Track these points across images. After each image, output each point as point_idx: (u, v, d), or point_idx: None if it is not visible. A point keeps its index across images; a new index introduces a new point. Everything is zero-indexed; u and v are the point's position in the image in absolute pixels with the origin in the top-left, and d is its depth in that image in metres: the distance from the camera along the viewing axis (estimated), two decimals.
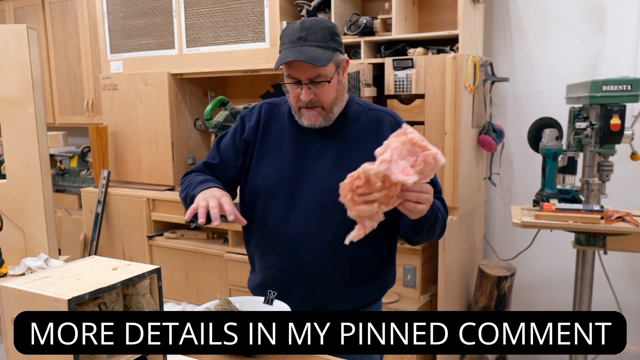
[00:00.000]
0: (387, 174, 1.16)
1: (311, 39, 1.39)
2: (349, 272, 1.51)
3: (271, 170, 1.52)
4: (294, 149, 1.52)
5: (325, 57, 1.39)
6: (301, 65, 1.39)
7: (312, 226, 1.47)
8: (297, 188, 1.49)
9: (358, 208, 1.19)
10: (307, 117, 1.46)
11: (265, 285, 1.53)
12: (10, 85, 2.06)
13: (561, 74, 2.88)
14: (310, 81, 1.41)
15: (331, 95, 1.45)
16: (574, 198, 2.48)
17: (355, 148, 1.49)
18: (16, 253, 2.12)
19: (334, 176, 1.44)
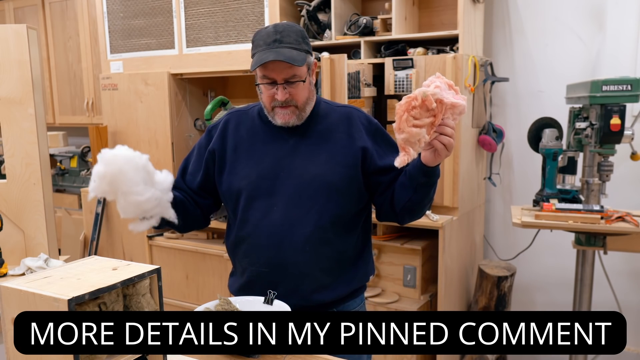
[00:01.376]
0: (440, 98, 1.27)
1: (286, 41, 1.46)
2: (333, 261, 1.55)
3: (248, 170, 1.56)
4: (268, 147, 1.56)
5: (301, 58, 1.46)
6: (277, 66, 1.45)
7: (294, 217, 1.51)
8: (276, 183, 1.53)
9: (410, 129, 1.27)
10: (281, 115, 1.51)
11: (251, 283, 1.57)
12: (10, 85, 2.06)
13: (561, 74, 2.88)
14: (285, 81, 1.47)
15: (304, 94, 1.51)
16: (574, 198, 2.48)
17: (328, 141, 1.55)
18: (16, 253, 2.12)
19: (310, 168, 1.53)
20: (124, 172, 1.35)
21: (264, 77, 1.48)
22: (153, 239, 3.24)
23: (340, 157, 1.53)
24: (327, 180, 1.52)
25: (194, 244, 3.11)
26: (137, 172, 1.37)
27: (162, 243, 3.21)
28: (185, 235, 3.18)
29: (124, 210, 1.40)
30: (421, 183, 1.45)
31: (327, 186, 1.51)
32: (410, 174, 1.46)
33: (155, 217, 1.46)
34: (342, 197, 1.53)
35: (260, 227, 1.54)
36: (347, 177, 1.53)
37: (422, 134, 1.28)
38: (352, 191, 1.55)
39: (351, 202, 1.56)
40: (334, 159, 1.53)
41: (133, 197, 1.36)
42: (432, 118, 1.29)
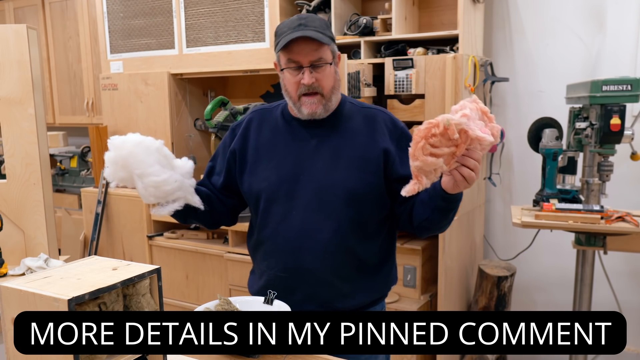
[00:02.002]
0: (466, 129, 1.15)
1: (311, 25, 1.43)
2: (352, 269, 1.51)
3: (269, 172, 1.53)
4: (290, 148, 1.53)
5: (326, 39, 1.43)
6: (303, 48, 1.42)
7: (313, 223, 1.48)
8: (296, 187, 1.50)
9: (425, 158, 1.16)
10: (308, 105, 1.47)
11: (269, 286, 1.53)
12: (10, 85, 2.06)
13: (561, 74, 2.88)
14: (311, 65, 1.43)
15: (330, 81, 1.47)
16: (574, 198, 2.48)
17: (351, 144, 1.51)
18: (16, 253, 2.12)
19: (331, 173, 1.48)
20: (134, 154, 1.35)
21: (290, 61, 1.45)
22: (153, 239, 3.24)
23: (362, 162, 1.49)
24: (346, 186, 1.47)
25: (194, 244, 3.11)
26: (150, 154, 1.36)
27: (162, 243, 3.21)
28: (185, 235, 3.18)
29: (144, 194, 1.37)
30: (439, 206, 1.40)
31: (347, 192, 1.47)
32: (430, 194, 1.41)
33: (178, 202, 1.43)
34: (362, 204, 1.49)
35: (278, 231, 1.51)
36: (368, 183, 1.49)
37: (439, 164, 1.18)
38: (372, 198, 1.50)
39: (372, 208, 1.52)
40: (355, 164, 1.49)
41: (150, 179, 1.34)
42: (454, 148, 1.18)
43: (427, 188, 1.36)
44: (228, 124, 3.06)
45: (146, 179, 1.34)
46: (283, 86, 1.51)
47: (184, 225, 3.11)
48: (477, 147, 1.19)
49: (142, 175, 1.35)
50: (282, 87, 1.53)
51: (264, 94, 3.54)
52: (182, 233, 3.19)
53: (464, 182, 1.26)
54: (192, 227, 3.13)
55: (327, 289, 1.50)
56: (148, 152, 1.36)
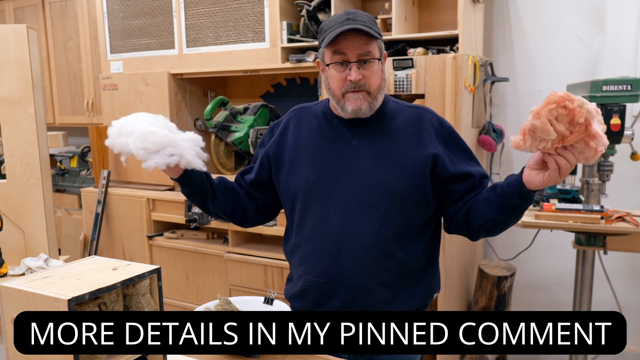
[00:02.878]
0: (590, 121, 1.13)
1: (359, 20, 1.37)
2: (394, 274, 1.44)
3: (307, 172, 1.47)
4: (330, 147, 1.47)
5: (376, 33, 1.38)
6: (352, 42, 1.36)
7: (353, 226, 1.41)
8: (336, 187, 1.43)
9: (546, 121, 1.13)
10: (353, 100, 1.40)
11: (305, 292, 1.48)
12: (10, 85, 2.06)
13: (561, 74, 2.87)
14: (359, 59, 1.37)
15: (377, 79, 1.41)
16: (574, 198, 2.48)
17: (395, 144, 1.44)
18: (16, 253, 2.12)
19: (373, 173, 1.42)
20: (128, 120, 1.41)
21: (336, 54, 1.38)
22: (153, 239, 3.24)
23: (407, 162, 1.42)
24: (390, 187, 1.41)
25: (194, 244, 3.11)
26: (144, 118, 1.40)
27: (162, 243, 3.21)
28: (185, 235, 3.18)
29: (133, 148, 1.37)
30: (513, 205, 1.32)
31: (391, 194, 1.41)
32: (503, 192, 1.33)
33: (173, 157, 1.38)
34: (406, 206, 1.42)
35: (316, 233, 1.45)
36: (413, 184, 1.42)
37: (551, 135, 1.14)
38: (417, 200, 1.43)
39: (416, 211, 1.44)
40: (399, 164, 1.42)
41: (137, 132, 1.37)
42: (568, 133, 1.15)
43: (498, 187, 1.35)
44: (228, 124, 3.06)
45: (134, 133, 1.37)
46: (326, 84, 1.46)
47: (184, 225, 3.11)
48: (583, 147, 1.16)
49: (131, 132, 1.38)
50: (325, 86, 1.47)
51: (264, 94, 3.54)
52: (182, 233, 3.19)
53: (556, 173, 1.19)
54: (192, 227, 3.13)
55: (366, 296, 1.43)
56: (142, 117, 1.41)
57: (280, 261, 2.77)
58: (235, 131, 3.05)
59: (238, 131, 3.03)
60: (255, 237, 3.00)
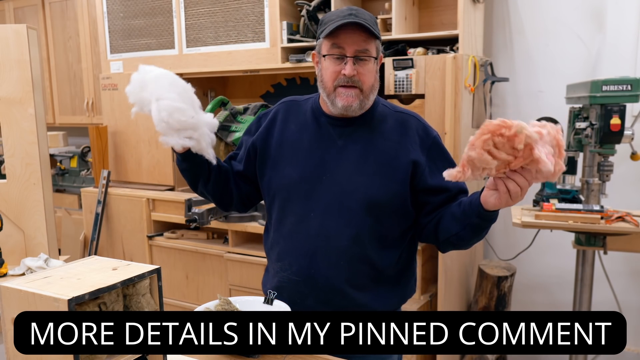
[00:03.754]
0: (533, 146, 1.10)
1: (361, 17, 1.37)
2: (368, 278, 1.46)
3: (291, 170, 1.47)
4: (315, 146, 1.47)
5: (376, 31, 1.37)
6: (351, 36, 1.36)
7: (331, 228, 1.42)
8: (317, 188, 1.44)
9: (482, 152, 1.11)
10: (344, 96, 1.39)
11: (281, 288, 1.49)
12: (10, 85, 2.06)
13: (561, 74, 2.87)
14: (355, 55, 1.37)
15: (371, 78, 1.41)
16: (574, 198, 2.48)
17: (379, 149, 1.44)
18: (16, 253, 2.12)
19: (355, 178, 1.42)
20: (159, 79, 1.33)
21: (334, 47, 1.37)
22: (153, 239, 3.24)
23: (388, 169, 1.42)
24: (369, 193, 1.41)
25: (194, 244, 3.11)
26: (174, 85, 1.34)
27: (162, 243, 3.21)
28: (185, 235, 3.18)
29: (156, 117, 1.32)
30: (473, 223, 1.33)
31: (369, 200, 1.41)
32: (464, 209, 1.34)
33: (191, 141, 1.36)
34: (383, 213, 1.43)
35: (295, 232, 1.46)
36: (393, 193, 1.42)
37: (491, 165, 1.13)
38: (396, 208, 1.44)
39: (394, 219, 1.45)
40: (380, 171, 1.42)
41: (165, 102, 1.31)
42: (512, 158, 1.12)
43: (462, 204, 1.34)
44: (228, 124, 3.06)
45: (162, 102, 1.31)
46: (319, 76, 1.45)
47: (184, 225, 3.11)
48: (533, 171, 1.14)
49: (159, 98, 1.31)
50: (317, 78, 1.46)
51: (264, 94, 3.54)
52: (182, 233, 3.19)
53: (506, 196, 1.18)
54: (192, 227, 3.13)
55: (340, 298, 1.44)
56: (172, 82, 1.34)
57: None
58: (235, 131, 3.05)
59: (238, 131, 3.03)
60: (255, 237, 3.00)
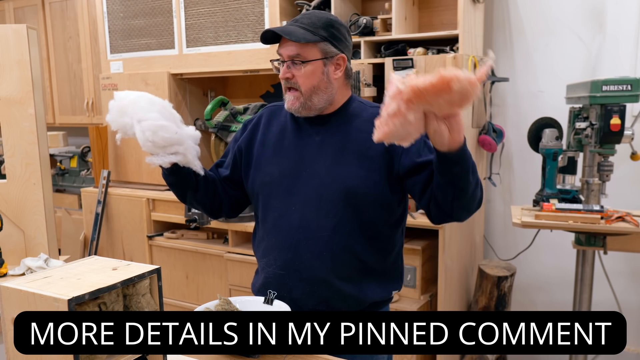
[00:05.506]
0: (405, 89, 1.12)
1: (301, 22, 1.45)
2: (352, 269, 1.48)
3: (272, 167, 1.54)
4: (294, 144, 1.53)
5: (302, 36, 1.42)
6: (285, 42, 1.45)
7: (312, 220, 1.46)
8: (297, 183, 1.49)
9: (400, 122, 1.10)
10: (287, 100, 1.49)
11: (268, 284, 1.52)
12: (10, 85, 2.06)
13: (561, 74, 2.87)
14: (290, 59, 1.45)
15: (309, 80, 1.45)
16: (574, 198, 2.48)
17: (355, 142, 1.48)
18: (16, 253, 2.12)
19: (333, 170, 1.47)
20: (136, 102, 1.36)
21: (277, 54, 1.49)
22: (153, 239, 3.24)
23: (365, 160, 1.46)
24: (347, 184, 1.44)
25: (194, 244, 3.11)
26: (152, 104, 1.37)
27: (162, 243, 3.21)
28: (185, 235, 3.18)
29: (141, 138, 1.35)
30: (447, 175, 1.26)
31: (347, 190, 1.44)
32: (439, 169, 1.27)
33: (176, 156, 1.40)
34: (363, 203, 1.45)
35: (277, 227, 1.50)
36: (370, 181, 1.44)
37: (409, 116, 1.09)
38: (374, 197, 1.45)
39: (374, 209, 1.47)
40: (357, 162, 1.46)
41: (148, 122, 1.34)
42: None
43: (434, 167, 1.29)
44: (228, 124, 3.06)
45: (144, 123, 1.34)
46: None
47: (184, 225, 3.11)
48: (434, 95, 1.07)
49: (140, 120, 1.35)
50: None
51: (264, 94, 3.54)
52: (182, 233, 3.19)
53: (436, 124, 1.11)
54: (192, 227, 3.13)
55: (325, 289, 1.47)
56: (150, 102, 1.37)
57: None
58: (235, 131, 3.05)
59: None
60: None
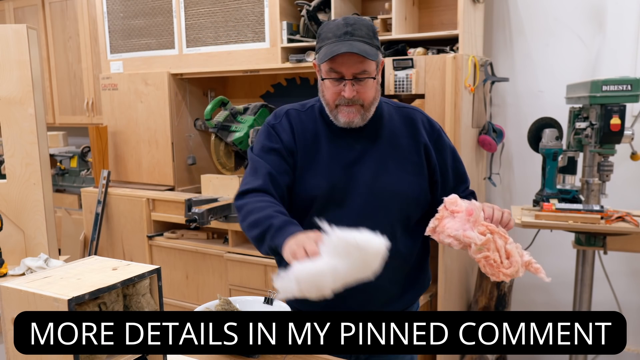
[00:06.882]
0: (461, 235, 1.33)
1: (357, 34, 1.39)
2: (400, 271, 1.52)
3: (320, 179, 1.47)
4: (335, 154, 1.48)
5: (373, 53, 1.39)
6: (348, 60, 1.37)
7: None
8: (347, 194, 1.46)
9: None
10: (345, 113, 1.43)
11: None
12: (10, 85, 2.06)
13: (561, 74, 2.87)
14: (354, 77, 1.39)
15: (371, 93, 1.44)
16: (574, 198, 2.47)
17: (396, 147, 1.49)
18: (16, 253, 2.12)
19: (381, 178, 1.46)
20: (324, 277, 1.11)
21: (332, 71, 1.40)
22: (153, 239, 3.24)
23: (408, 164, 1.48)
24: (397, 191, 1.47)
25: (194, 244, 3.11)
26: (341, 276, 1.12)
27: (162, 243, 3.21)
28: (185, 235, 3.18)
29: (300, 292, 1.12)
30: None
31: (398, 197, 1.47)
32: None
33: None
34: (411, 206, 1.49)
35: None
36: (416, 184, 1.49)
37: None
38: (420, 198, 1.50)
39: (418, 209, 1.51)
40: (402, 167, 1.48)
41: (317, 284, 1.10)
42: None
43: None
44: (228, 124, 3.06)
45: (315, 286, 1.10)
46: (321, 91, 1.48)
47: (184, 225, 3.11)
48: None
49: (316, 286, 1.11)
50: (319, 92, 1.49)
51: (264, 94, 3.54)
52: (182, 233, 3.19)
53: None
54: (192, 227, 3.13)
55: (380, 295, 1.48)
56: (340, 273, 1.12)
57: None
58: (235, 131, 3.05)
59: (238, 131, 3.03)
60: None
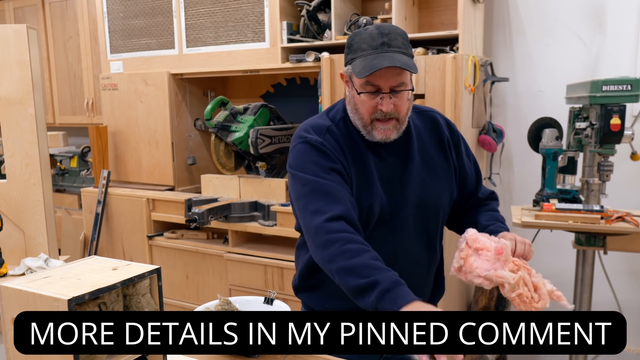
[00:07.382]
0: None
1: (394, 45, 1.33)
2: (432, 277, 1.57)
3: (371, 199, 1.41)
4: (374, 169, 1.43)
5: (413, 65, 1.34)
6: (387, 73, 1.31)
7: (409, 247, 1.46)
8: (391, 212, 1.44)
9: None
10: (382, 130, 1.38)
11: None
12: (10, 85, 2.06)
13: (561, 74, 2.87)
14: (391, 90, 1.34)
15: (407, 106, 1.39)
16: (574, 198, 2.47)
17: (427, 157, 1.49)
18: (16, 253, 2.12)
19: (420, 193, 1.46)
20: None
21: (368, 84, 1.34)
22: (153, 239, 3.24)
23: (439, 170, 1.49)
24: (436, 202, 1.48)
25: (194, 244, 3.11)
26: None
27: (162, 243, 3.21)
28: (185, 235, 3.18)
29: None
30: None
31: (438, 208, 1.48)
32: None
33: None
34: (445, 213, 1.52)
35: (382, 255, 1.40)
36: (447, 190, 1.50)
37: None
38: (451, 202, 1.53)
39: (448, 213, 1.55)
40: (436, 176, 1.48)
41: None
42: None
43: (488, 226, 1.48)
44: (228, 124, 3.06)
45: None
46: (352, 104, 1.41)
47: (184, 225, 3.11)
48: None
49: None
50: (349, 104, 1.43)
51: (264, 93, 3.54)
52: (182, 233, 3.19)
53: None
54: (192, 227, 3.13)
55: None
56: None
57: (280, 261, 2.77)
58: (235, 131, 3.05)
59: (238, 131, 3.03)
60: (255, 237, 3.00)
